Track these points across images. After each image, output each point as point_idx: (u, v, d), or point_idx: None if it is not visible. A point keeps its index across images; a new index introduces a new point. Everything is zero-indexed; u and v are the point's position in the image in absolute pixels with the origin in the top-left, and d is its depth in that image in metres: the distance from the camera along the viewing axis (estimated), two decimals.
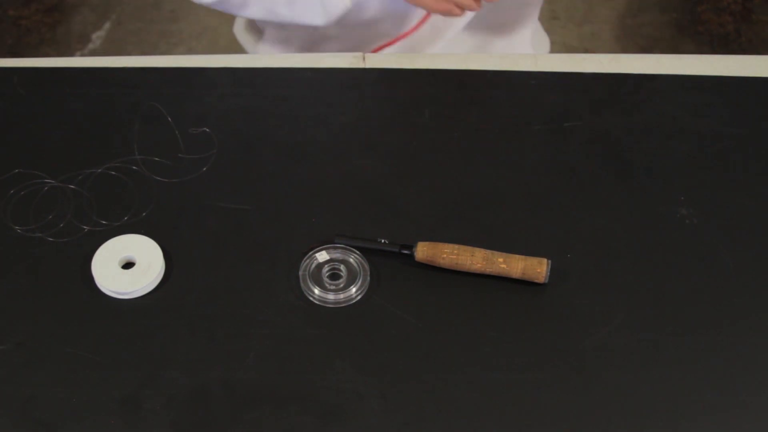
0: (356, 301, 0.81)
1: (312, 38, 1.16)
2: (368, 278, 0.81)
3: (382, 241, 0.83)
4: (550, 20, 2.24)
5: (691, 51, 2.24)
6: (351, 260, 0.83)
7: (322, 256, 0.83)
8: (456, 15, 0.96)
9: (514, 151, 0.93)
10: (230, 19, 1.36)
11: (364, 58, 1.01)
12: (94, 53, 2.17)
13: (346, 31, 1.12)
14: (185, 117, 0.95)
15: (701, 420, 0.74)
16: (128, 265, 0.82)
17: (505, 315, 0.80)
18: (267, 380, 0.76)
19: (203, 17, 2.24)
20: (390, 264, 0.83)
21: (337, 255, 0.83)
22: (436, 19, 1.10)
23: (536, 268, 0.80)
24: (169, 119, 0.95)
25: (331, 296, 0.80)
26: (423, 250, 0.82)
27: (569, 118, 0.95)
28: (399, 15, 1.10)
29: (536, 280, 0.81)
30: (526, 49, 1.21)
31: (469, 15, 1.09)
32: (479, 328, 0.79)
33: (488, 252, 0.81)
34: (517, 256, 0.81)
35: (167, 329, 0.79)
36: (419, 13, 1.10)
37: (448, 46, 1.13)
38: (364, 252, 0.83)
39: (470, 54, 1.04)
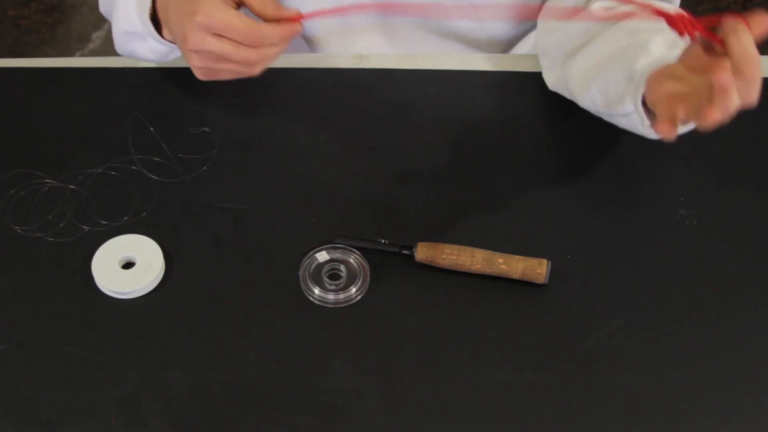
0: (356, 301, 0.81)
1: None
2: (368, 278, 0.81)
3: (382, 241, 0.83)
4: None
5: None
6: (351, 260, 0.83)
7: (322, 256, 0.83)
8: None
9: (514, 151, 0.93)
10: None
11: (363, 58, 1.01)
12: (94, 53, 2.17)
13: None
14: (185, 117, 0.95)
15: (701, 420, 0.74)
16: (128, 265, 0.82)
17: (505, 315, 0.80)
18: (267, 380, 0.76)
19: None
20: (390, 264, 0.83)
21: (337, 255, 0.83)
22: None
23: (536, 269, 0.80)
24: (169, 119, 0.95)
25: (331, 296, 0.80)
26: (423, 251, 0.81)
27: (569, 118, 0.95)
28: None
29: (536, 281, 0.81)
30: (525, 50, 1.20)
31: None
32: (479, 328, 0.79)
33: (488, 252, 0.81)
34: (517, 256, 0.81)
35: (167, 329, 0.79)
36: None
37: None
38: (364, 252, 0.83)
39: (470, 54, 1.04)
